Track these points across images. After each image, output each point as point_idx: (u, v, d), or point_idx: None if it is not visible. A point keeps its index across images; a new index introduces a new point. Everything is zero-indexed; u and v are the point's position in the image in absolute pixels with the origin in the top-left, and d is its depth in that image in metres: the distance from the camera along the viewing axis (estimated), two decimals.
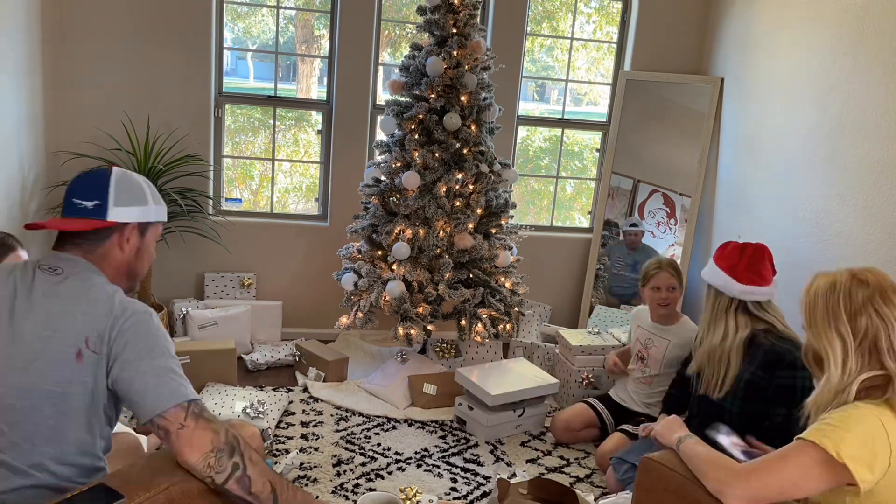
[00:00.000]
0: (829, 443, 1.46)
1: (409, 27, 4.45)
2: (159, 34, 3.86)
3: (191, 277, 4.18)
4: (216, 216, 4.12)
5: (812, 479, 1.47)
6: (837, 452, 1.45)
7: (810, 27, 3.49)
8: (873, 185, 3.04)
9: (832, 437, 1.47)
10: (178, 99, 3.95)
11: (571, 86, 4.74)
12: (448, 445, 3.21)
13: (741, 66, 4.08)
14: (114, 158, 3.82)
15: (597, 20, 4.67)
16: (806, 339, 1.69)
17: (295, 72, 4.72)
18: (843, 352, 1.55)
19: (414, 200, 3.50)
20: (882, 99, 3.02)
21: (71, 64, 3.79)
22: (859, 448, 1.45)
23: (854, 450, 1.44)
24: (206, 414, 1.52)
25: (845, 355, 1.55)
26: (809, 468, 1.47)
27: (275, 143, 4.32)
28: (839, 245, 3.21)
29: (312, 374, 3.72)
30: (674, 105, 4.40)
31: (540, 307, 4.44)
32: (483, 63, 3.58)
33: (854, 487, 1.47)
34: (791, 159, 3.58)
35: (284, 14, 4.24)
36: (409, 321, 3.55)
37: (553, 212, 4.71)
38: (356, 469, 2.94)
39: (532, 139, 5.02)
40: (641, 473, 1.69)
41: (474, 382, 3.31)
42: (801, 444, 1.51)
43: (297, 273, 4.30)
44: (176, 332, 3.92)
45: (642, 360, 3.22)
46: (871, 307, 1.55)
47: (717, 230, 4.25)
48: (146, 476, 1.43)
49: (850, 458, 1.44)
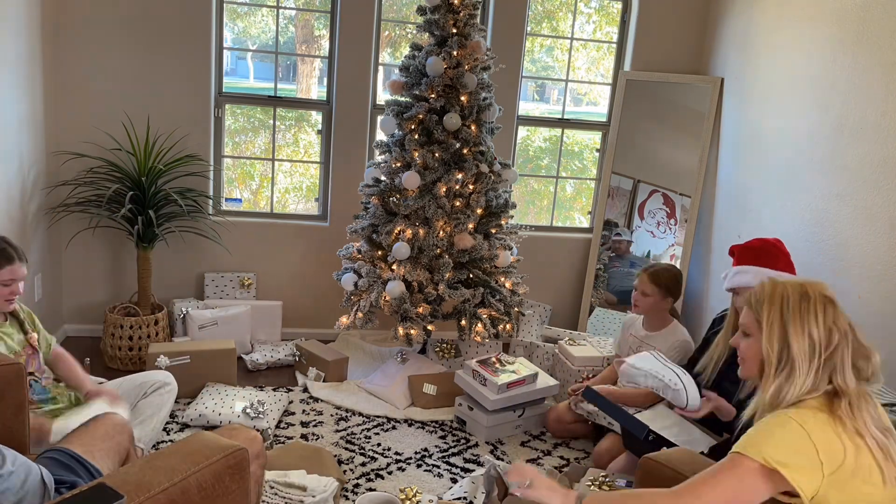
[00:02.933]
0: (754, 450, 1.47)
1: (409, 27, 4.45)
2: (159, 34, 3.85)
3: (191, 277, 4.18)
4: (216, 216, 4.12)
5: (748, 490, 1.47)
6: (765, 458, 1.45)
7: (810, 27, 3.49)
8: (873, 185, 3.04)
9: (756, 445, 1.48)
10: (178, 99, 3.95)
11: (571, 86, 4.74)
12: (448, 445, 3.21)
13: (741, 66, 4.08)
14: (114, 158, 3.82)
15: (597, 20, 4.67)
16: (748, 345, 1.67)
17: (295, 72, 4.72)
18: (810, 360, 1.55)
19: (414, 200, 3.50)
20: (882, 99, 3.02)
21: (71, 64, 3.79)
22: (785, 452, 1.45)
23: (780, 454, 1.45)
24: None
25: (811, 364, 1.55)
26: (741, 478, 1.47)
27: (275, 143, 4.32)
28: (839, 245, 3.21)
29: (312, 374, 3.72)
30: (674, 105, 4.40)
31: (540, 307, 4.44)
32: (483, 63, 3.58)
33: (797, 499, 1.46)
34: (791, 159, 3.58)
35: (284, 14, 4.24)
36: (409, 321, 3.55)
37: (553, 212, 4.71)
38: (356, 469, 2.94)
39: (532, 139, 5.02)
40: (641, 473, 1.69)
41: (473, 385, 3.32)
42: (731, 456, 1.51)
43: (296, 273, 4.30)
44: (176, 332, 3.92)
45: None
46: (835, 326, 1.56)
47: (717, 230, 4.25)
48: (146, 476, 1.43)
49: (779, 463, 1.44)
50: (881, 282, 2.98)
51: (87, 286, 4.06)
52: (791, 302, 1.60)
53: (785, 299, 1.61)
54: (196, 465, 1.49)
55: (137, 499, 1.35)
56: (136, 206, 3.65)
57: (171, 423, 3.16)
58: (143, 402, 2.80)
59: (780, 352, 1.58)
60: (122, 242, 4.02)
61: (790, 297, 1.60)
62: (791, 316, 1.58)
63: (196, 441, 1.58)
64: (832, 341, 1.55)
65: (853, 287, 3.10)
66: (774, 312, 1.61)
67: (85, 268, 4.03)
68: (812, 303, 1.58)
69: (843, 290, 3.07)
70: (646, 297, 3.16)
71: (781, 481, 1.46)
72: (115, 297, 4.08)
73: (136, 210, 3.64)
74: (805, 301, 1.59)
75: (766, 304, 1.63)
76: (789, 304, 1.60)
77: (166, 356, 3.30)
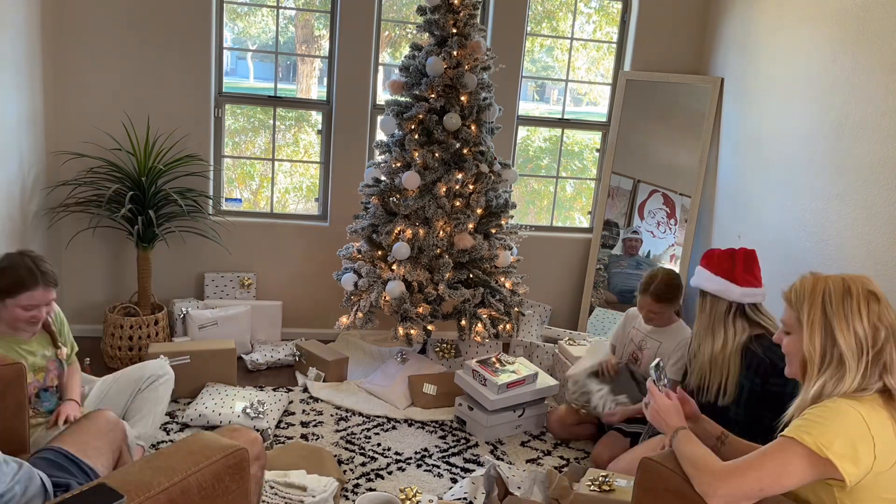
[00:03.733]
0: (810, 438, 1.46)
1: (409, 27, 4.45)
2: (159, 34, 3.86)
3: (191, 277, 4.18)
4: (216, 216, 4.12)
5: (793, 474, 1.47)
6: (819, 447, 1.44)
7: (810, 27, 3.49)
8: (873, 185, 3.04)
9: (812, 433, 1.46)
10: (178, 99, 3.95)
11: (571, 86, 4.74)
12: (448, 445, 3.21)
13: (741, 67, 4.08)
14: (113, 158, 3.82)
15: (597, 20, 4.67)
16: (791, 343, 1.64)
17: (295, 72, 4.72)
18: (858, 357, 1.52)
19: (414, 200, 3.50)
20: (882, 99, 3.02)
21: (71, 64, 3.79)
22: (841, 442, 1.44)
23: (836, 444, 1.44)
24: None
25: (858, 364, 1.51)
26: (789, 463, 1.47)
27: (275, 143, 4.32)
28: (839, 245, 3.21)
29: (312, 374, 3.72)
30: (674, 105, 4.40)
31: (540, 307, 4.44)
32: (483, 63, 3.58)
33: (840, 482, 1.46)
34: (791, 159, 3.58)
35: (284, 14, 4.24)
36: (409, 321, 3.55)
37: (553, 212, 4.71)
38: (356, 469, 2.94)
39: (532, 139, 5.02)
40: (641, 473, 1.69)
41: (473, 385, 3.32)
42: (782, 441, 1.51)
43: (296, 273, 4.30)
44: (176, 332, 3.92)
45: (635, 361, 3.24)
46: (881, 321, 1.53)
47: (717, 230, 4.25)
48: (146, 476, 1.43)
49: (832, 452, 1.44)
50: (881, 282, 2.97)
51: (87, 286, 4.06)
52: (834, 298, 1.56)
53: (827, 295, 1.57)
54: (196, 465, 1.49)
55: (137, 499, 1.35)
56: (136, 206, 3.65)
57: (170, 423, 3.16)
58: (139, 398, 2.77)
59: (824, 350, 1.55)
60: (122, 242, 4.02)
61: (832, 292, 1.57)
62: (835, 312, 1.55)
63: (196, 441, 1.58)
64: (878, 338, 1.52)
65: None
66: (816, 309, 1.57)
67: (85, 268, 4.03)
68: (855, 298, 1.55)
69: None
70: (656, 315, 3.12)
71: (830, 469, 1.45)
72: (115, 298, 4.08)
73: (136, 210, 3.64)
74: (848, 297, 1.55)
75: (807, 300, 1.59)
76: (832, 301, 1.56)
77: (166, 356, 3.30)
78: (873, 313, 1.53)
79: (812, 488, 1.55)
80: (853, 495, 1.49)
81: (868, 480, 1.46)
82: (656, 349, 3.16)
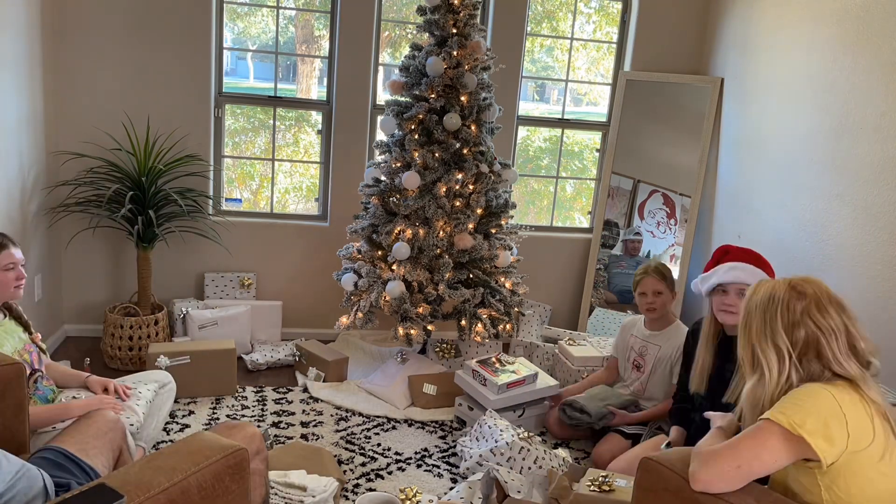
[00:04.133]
0: (784, 418, 1.52)
1: (409, 27, 4.45)
2: (159, 34, 3.86)
3: (191, 277, 4.18)
4: (216, 216, 4.12)
5: (769, 452, 1.52)
6: (792, 425, 1.50)
7: (810, 27, 3.49)
8: (873, 185, 3.04)
9: (786, 413, 1.53)
10: (178, 99, 3.95)
11: (571, 86, 4.74)
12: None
13: (741, 67, 4.08)
14: (114, 158, 3.82)
15: (597, 20, 4.67)
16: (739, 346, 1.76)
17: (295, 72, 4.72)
18: (780, 364, 1.62)
19: (414, 200, 3.50)
20: (882, 99, 3.02)
21: (71, 64, 3.79)
22: (813, 420, 1.50)
23: (808, 422, 1.50)
24: None
25: (781, 367, 1.61)
26: (766, 442, 1.53)
27: (275, 143, 4.32)
28: (839, 245, 3.21)
29: (312, 374, 3.72)
30: (674, 105, 4.40)
31: (540, 307, 4.44)
32: (483, 63, 3.58)
33: (817, 462, 1.51)
34: (791, 159, 3.58)
35: (284, 14, 4.24)
36: (409, 321, 3.55)
37: (553, 212, 4.71)
38: (356, 469, 2.94)
39: (532, 139, 5.02)
40: (641, 473, 1.69)
41: (473, 385, 3.32)
42: (758, 423, 1.57)
43: (296, 273, 4.30)
44: (176, 332, 3.92)
45: (638, 369, 3.25)
46: (809, 318, 1.61)
47: (717, 230, 4.25)
48: (146, 476, 1.43)
49: (805, 430, 1.49)
50: (881, 281, 2.98)
51: (87, 286, 4.06)
52: (758, 306, 1.68)
53: (752, 303, 1.70)
54: (196, 465, 1.49)
55: (137, 499, 1.35)
56: (136, 206, 3.65)
57: (171, 423, 3.16)
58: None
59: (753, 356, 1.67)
60: (122, 242, 4.02)
61: (759, 301, 1.69)
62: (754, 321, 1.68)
63: (196, 441, 1.58)
64: (798, 338, 1.61)
65: (853, 287, 3.10)
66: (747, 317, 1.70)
67: (85, 268, 4.03)
68: (775, 303, 1.65)
69: (843, 290, 3.07)
70: (660, 295, 3.15)
71: (804, 447, 1.50)
72: (115, 297, 4.08)
73: (136, 210, 3.64)
74: (772, 303, 1.66)
75: (744, 307, 1.72)
76: (757, 309, 1.68)
77: (166, 356, 3.30)
78: (794, 313, 1.63)
79: (794, 476, 1.60)
80: (834, 478, 1.53)
81: (846, 460, 1.51)
82: (656, 353, 3.17)
